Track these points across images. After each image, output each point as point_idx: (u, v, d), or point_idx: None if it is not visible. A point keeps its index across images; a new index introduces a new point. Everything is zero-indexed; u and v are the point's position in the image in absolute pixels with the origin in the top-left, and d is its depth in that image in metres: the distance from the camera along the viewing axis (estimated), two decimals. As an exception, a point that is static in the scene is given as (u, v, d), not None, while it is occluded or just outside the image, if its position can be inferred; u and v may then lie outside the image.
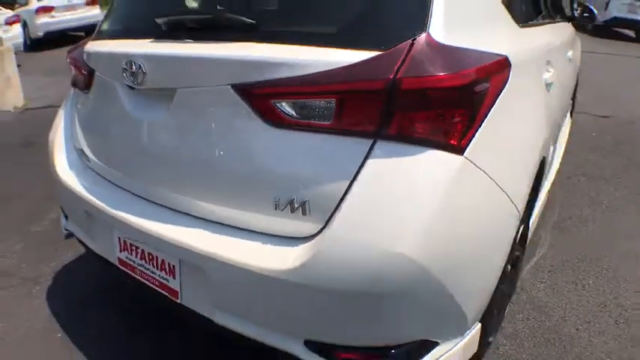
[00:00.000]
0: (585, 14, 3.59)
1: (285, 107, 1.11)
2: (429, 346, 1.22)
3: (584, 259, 2.50)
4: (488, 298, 1.35)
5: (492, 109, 1.17)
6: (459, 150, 1.08)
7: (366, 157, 1.06)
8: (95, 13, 10.88)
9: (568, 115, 3.70)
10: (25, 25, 10.60)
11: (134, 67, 1.35)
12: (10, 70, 5.90)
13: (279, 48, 1.14)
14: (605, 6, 10.49)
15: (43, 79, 7.26)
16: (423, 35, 1.09)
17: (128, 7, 1.71)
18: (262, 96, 1.13)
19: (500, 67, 1.22)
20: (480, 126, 1.12)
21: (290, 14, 1.26)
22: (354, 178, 1.06)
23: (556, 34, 2.34)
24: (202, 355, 1.85)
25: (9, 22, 9.23)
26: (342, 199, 1.06)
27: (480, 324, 1.38)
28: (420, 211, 1.04)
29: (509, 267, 1.73)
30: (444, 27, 1.12)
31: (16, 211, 3.06)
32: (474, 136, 1.10)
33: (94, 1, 11.37)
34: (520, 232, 1.83)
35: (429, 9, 1.12)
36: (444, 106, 1.05)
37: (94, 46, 1.67)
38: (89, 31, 8.12)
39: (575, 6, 3.56)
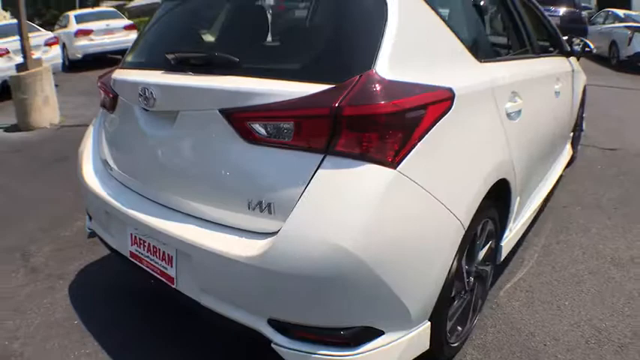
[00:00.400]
0: (586, 49, 3.83)
1: (258, 127, 1.45)
2: (374, 333, 1.49)
3: (565, 282, 2.62)
4: (432, 298, 1.60)
5: (430, 131, 1.47)
6: (393, 165, 1.38)
7: (318, 168, 1.38)
8: (132, 37, 11.08)
9: (567, 145, 3.88)
10: (64, 47, 11.28)
11: (147, 93, 1.73)
12: (48, 90, 6.50)
13: (255, 81, 1.49)
14: (629, 41, 10.47)
15: (78, 99, 7.87)
16: (369, 72, 1.41)
17: (146, 45, 2.13)
18: (240, 119, 1.47)
19: (439, 97, 1.52)
20: (415, 145, 1.42)
21: (265, 55, 1.63)
22: (307, 185, 1.38)
23: (535, 68, 2.59)
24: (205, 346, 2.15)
25: (48, 44, 9.71)
26: (297, 202, 1.38)
27: (429, 322, 1.63)
28: (358, 213, 1.34)
29: (470, 279, 1.98)
30: (389, 65, 1.44)
31: (48, 218, 3.50)
32: (408, 153, 1.40)
33: (131, 26, 12.18)
34: (484, 247, 2.07)
35: (377, 50, 1.44)
36: (379, 129, 1.36)
37: (118, 74, 2.07)
38: (124, 54, 8.69)
39: (577, 41, 3.79)
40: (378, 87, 1.38)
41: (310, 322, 1.45)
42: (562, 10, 10.29)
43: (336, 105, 1.35)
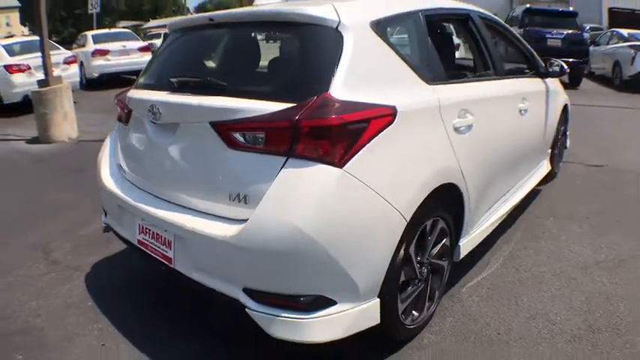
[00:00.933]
0: (562, 70, 4.17)
1: (238, 136, 1.92)
2: (328, 302, 1.90)
3: (526, 282, 2.89)
4: (378, 277, 1.99)
5: (373, 140, 1.91)
6: (340, 165, 1.82)
7: (282, 168, 1.83)
8: (146, 59, 11.52)
9: (545, 161, 4.22)
10: (81, 66, 11.97)
11: (155, 109, 2.22)
12: (67, 106, 7.10)
13: (237, 100, 1.96)
14: (632, 60, 10.76)
15: (94, 115, 8.45)
16: (325, 93, 1.86)
17: (154, 70, 2.65)
18: (225, 129, 1.94)
19: (382, 113, 1.96)
20: (359, 150, 1.86)
21: (246, 80, 2.13)
22: (273, 181, 1.82)
23: (493, 89, 2.98)
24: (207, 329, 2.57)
25: (67, 62, 10.33)
26: (265, 194, 1.82)
27: (378, 299, 2.03)
28: (311, 201, 1.79)
29: (423, 269, 2.34)
30: (341, 88, 1.90)
31: (69, 220, 4.01)
32: (352, 156, 1.84)
33: (146, 48, 12.93)
34: (439, 243, 2.44)
35: (332, 77, 1.90)
36: (329, 137, 1.81)
37: (133, 93, 2.56)
38: (138, 73, 9.30)
39: (556, 63, 4.16)
40: (329, 105, 1.84)
41: (275, 290, 1.88)
42: (564, 33, 10.69)
43: (296, 119, 1.81)
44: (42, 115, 6.85)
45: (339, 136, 1.82)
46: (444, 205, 2.40)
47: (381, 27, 2.17)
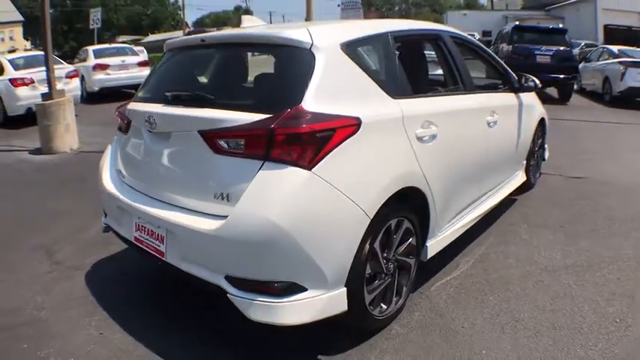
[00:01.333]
0: (535, 85, 4.46)
1: (222, 143, 2.23)
2: (299, 288, 2.18)
3: (493, 282, 3.08)
4: (344, 268, 2.27)
5: (339, 146, 2.21)
6: (309, 168, 2.13)
7: (259, 170, 2.14)
8: (145, 73, 12.01)
9: (520, 172, 4.49)
10: (82, 79, 12.36)
11: (151, 120, 2.53)
12: (69, 118, 7.45)
13: (222, 112, 2.28)
14: (621, 76, 11.08)
15: (95, 128, 8.78)
16: (297, 106, 2.18)
17: (151, 85, 2.98)
18: (211, 137, 2.26)
19: (347, 123, 2.26)
20: (326, 155, 2.16)
21: (231, 93, 2.48)
22: (252, 181, 2.13)
23: (458, 103, 3.27)
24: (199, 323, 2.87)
25: (69, 76, 10.81)
26: (244, 192, 2.13)
27: (345, 289, 2.30)
28: (284, 198, 2.09)
29: (390, 265, 2.60)
30: (312, 101, 2.21)
31: (70, 224, 4.31)
32: (320, 160, 2.14)
33: (145, 62, 13.36)
34: (405, 242, 2.69)
35: (304, 92, 2.22)
36: (299, 144, 2.12)
37: (132, 105, 2.88)
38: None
39: (531, 78, 4.46)
40: (301, 116, 2.15)
41: (253, 277, 2.17)
42: (553, 50, 11.06)
43: (271, 127, 2.12)
44: (45, 127, 7.19)
45: (309, 142, 2.13)
46: (409, 207, 2.69)
47: (350, 48, 2.50)
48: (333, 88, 2.33)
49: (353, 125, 2.29)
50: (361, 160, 2.33)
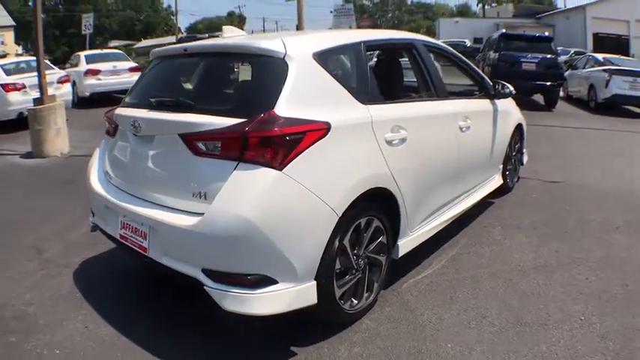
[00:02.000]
0: (510, 91, 4.66)
1: (201, 145, 2.42)
2: (271, 280, 2.35)
3: (463, 281, 3.20)
4: (313, 262, 2.43)
5: (309, 148, 2.40)
6: (280, 168, 2.31)
7: (234, 170, 2.33)
8: (135, 79, 12.57)
9: (496, 175, 4.66)
10: (74, 84, 12.47)
11: (136, 124, 2.72)
12: (60, 123, 7.60)
13: (201, 116, 2.47)
14: (606, 84, 11.36)
15: (85, 132, 8.90)
16: (270, 111, 2.37)
17: (138, 91, 3.18)
18: (190, 139, 2.44)
19: (316, 127, 2.45)
20: (296, 157, 2.35)
21: (209, 99, 2.68)
22: (227, 180, 2.32)
23: (429, 108, 3.43)
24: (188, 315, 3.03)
25: (61, 81, 10.90)
26: (219, 191, 2.31)
27: (315, 282, 2.46)
28: (256, 197, 2.28)
29: (360, 261, 2.75)
30: (285, 107, 2.40)
31: (59, 225, 4.48)
32: (290, 161, 2.33)
33: (136, 68, 13.52)
34: (375, 240, 2.85)
35: (277, 98, 2.41)
36: (271, 146, 2.31)
37: (119, 110, 3.07)
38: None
39: (507, 85, 4.65)
40: (273, 120, 2.35)
41: (227, 269, 2.35)
42: (539, 57, 11.32)
43: (245, 130, 2.31)
44: (36, 132, 7.34)
45: (280, 145, 2.33)
46: (379, 206, 2.86)
47: (323, 57, 2.70)
48: (305, 95, 2.53)
49: (322, 129, 2.48)
50: (330, 161, 2.51)
